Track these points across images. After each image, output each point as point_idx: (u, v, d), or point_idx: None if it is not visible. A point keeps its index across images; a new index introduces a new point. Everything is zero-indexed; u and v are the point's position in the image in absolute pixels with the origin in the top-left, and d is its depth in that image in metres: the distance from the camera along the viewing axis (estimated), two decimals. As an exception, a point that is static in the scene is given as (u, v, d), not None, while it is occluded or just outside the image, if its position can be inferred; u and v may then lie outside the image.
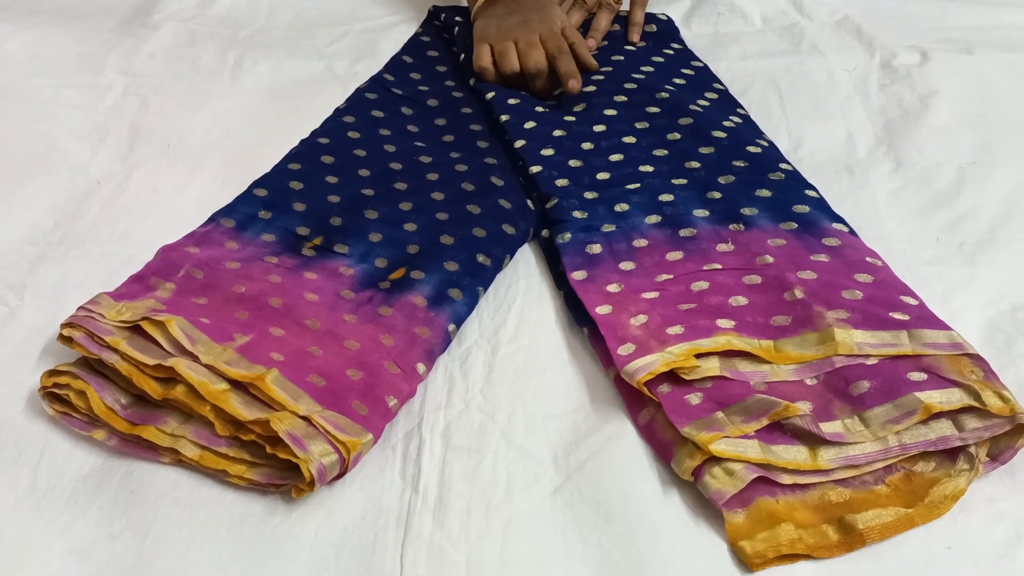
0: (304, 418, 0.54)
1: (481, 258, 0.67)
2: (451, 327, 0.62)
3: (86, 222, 0.72)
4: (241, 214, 0.70)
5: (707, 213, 0.69)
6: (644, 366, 0.56)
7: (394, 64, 0.90)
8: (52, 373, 0.57)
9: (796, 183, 0.72)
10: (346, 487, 0.54)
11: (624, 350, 0.58)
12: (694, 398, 0.56)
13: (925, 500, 0.52)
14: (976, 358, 0.57)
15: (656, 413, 0.56)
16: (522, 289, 0.67)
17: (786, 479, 0.52)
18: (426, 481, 0.54)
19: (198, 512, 0.53)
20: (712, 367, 0.57)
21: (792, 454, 0.53)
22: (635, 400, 0.58)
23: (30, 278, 0.66)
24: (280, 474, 0.53)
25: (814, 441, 0.54)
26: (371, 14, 1.00)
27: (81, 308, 0.60)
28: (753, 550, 0.50)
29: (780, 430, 0.54)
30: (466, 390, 0.60)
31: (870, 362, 0.57)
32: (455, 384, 0.60)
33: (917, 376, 0.55)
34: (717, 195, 0.71)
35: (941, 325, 0.59)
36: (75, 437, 0.56)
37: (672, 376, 0.57)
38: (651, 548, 0.50)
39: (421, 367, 0.60)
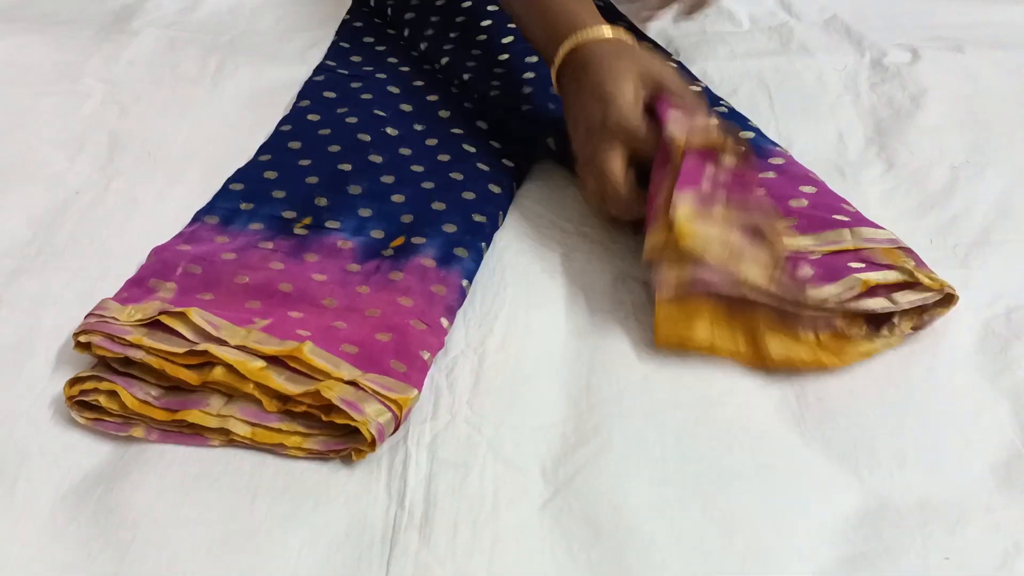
0: (350, 383, 0.54)
1: (477, 217, 0.68)
2: (464, 282, 0.63)
3: (64, 233, 0.70)
4: (223, 209, 0.70)
5: None
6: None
7: (334, 50, 0.89)
8: (75, 381, 0.56)
9: (737, 117, 0.77)
10: (330, 503, 0.53)
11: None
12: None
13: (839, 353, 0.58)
14: (908, 250, 0.61)
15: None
16: (509, 296, 0.66)
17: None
18: (412, 496, 0.53)
19: (179, 531, 0.51)
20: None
21: (754, 274, 0.58)
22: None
23: (6, 292, 0.65)
24: (336, 440, 0.54)
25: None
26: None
27: (91, 315, 0.59)
28: (664, 332, 0.58)
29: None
30: (452, 401, 0.58)
31: (813, 256, 0.61)
32: (441, 395, 0.59)
33: (857, 264, 0.60)
34: None
35: (879, 226, 0.64)
36: (51, 456, 0.55)
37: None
38: (642, 563, 0.49)
39: (444, 321, 0.61)
